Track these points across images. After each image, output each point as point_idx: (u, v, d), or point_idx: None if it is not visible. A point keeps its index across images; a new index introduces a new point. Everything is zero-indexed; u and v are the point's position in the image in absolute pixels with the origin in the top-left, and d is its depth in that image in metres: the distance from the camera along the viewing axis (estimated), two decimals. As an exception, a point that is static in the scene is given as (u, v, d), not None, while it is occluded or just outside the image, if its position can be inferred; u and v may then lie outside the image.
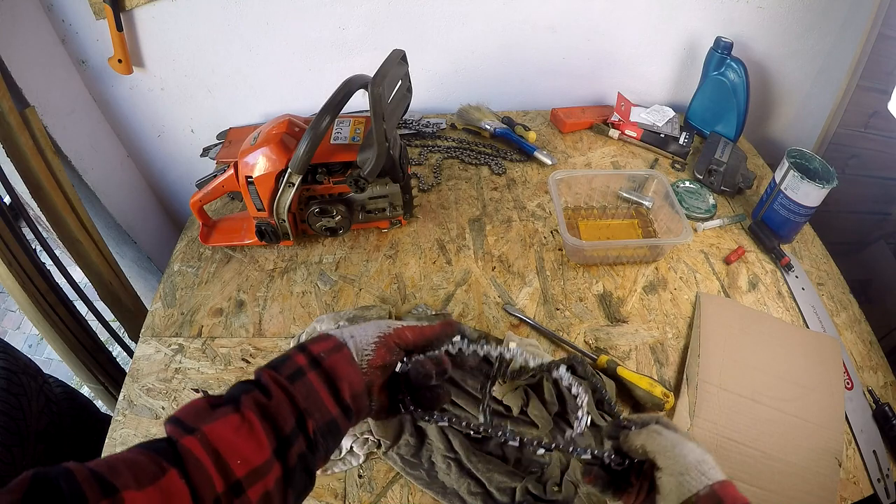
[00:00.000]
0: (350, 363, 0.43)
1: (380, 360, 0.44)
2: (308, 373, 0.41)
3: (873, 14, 0.97)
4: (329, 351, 0.43)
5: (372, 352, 0.44)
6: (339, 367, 0.42)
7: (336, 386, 0.42)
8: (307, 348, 0.43)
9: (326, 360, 0.42)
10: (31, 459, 0.75)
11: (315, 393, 0.41)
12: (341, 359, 0.43)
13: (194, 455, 0.35)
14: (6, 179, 0.94)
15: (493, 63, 1.18)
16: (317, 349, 0.43)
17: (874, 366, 0.80)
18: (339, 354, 0.43)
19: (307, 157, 0.78)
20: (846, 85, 1.04)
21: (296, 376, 0.41)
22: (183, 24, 1.05)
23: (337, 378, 0.42)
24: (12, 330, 2.03)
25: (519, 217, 1.00)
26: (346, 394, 0.42)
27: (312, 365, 0.42)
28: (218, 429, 0.37)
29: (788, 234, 0.94)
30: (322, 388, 0.41)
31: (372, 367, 0.44)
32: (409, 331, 0.46)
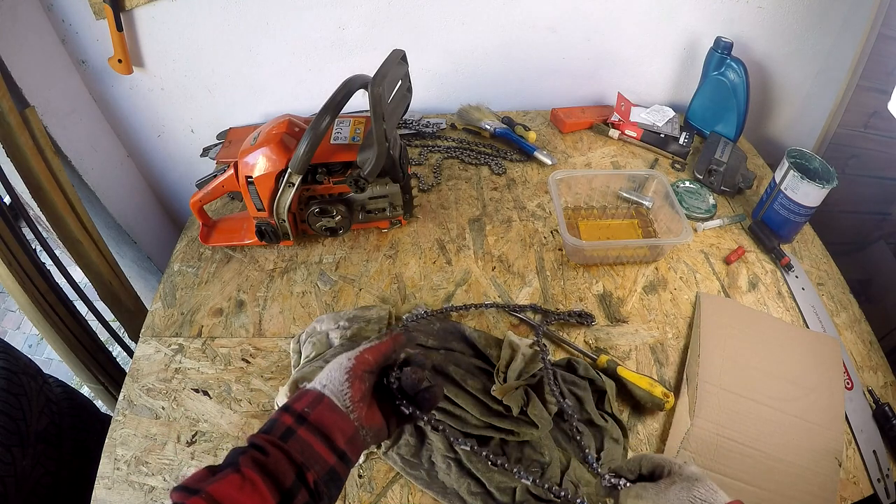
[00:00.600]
0: (334, 410, 0.45)
1: (358, 395, 0.46)
2: (298, 429, 0.43)
3: (873, 14, 0.97)
4: (311, 404, 0.44)
5: (348, 389, 0.46)
6: (325, 417, 0.44)
7: (328, 436, 0.43)
8: (290, 407, 0.44)
9: (312, 415, 0.44)
10: (31, 459, 0.75)
11: (309, 446, 0.42)
12: (325, 409, 0.44)
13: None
14: (6, 179, 0.94)
15: (493, 63, 1.18)
16: (299, 406, 0.44)
17: (874, 366, 0.80)
18: (322, 405, 0.44)
19: (307, 157, 0.78)
20: (846, 85, 1.04)
21: (287, 435, 0.42)
22: (183, 24, 1.05)
23: (327, 428, 0.43)
24: (12, 330, 2.03)
25: (519, 217, 1.00)
26: (340, 441, 0.44)
27: (300, 421, 0.43)
28: (222, 488, 0.38)
29: (788, 234, 0.94)
30: (315, 440, 0.43)
31: (355, 403, 0.45)
32: (368, 353, 0.48)
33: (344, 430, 0.44)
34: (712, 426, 0.69)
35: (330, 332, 0.77)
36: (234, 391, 0.75)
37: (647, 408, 0.72)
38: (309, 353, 0.74)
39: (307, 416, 0.44)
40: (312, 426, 0.43)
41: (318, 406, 0.44)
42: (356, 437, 0.45)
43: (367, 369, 0.48)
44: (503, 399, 0.68)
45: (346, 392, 0.45)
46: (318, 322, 0.79)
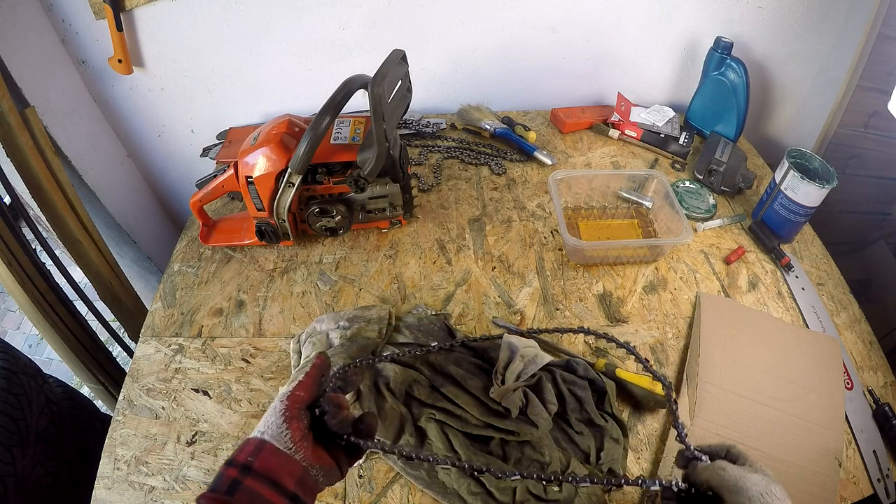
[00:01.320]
0: (277, 454, 0.44)
1: (298, 434, 0.46)
2: (244, 480, 0.42)
3: (873, 14, 0.97)
4: (254, 453, 0.44)
5: (286, 430, 0.45)
6: (270, 462, 0.44)
7: (276, 481, 0.43)
8: (234, 460, 0.44)
9: (256, 463, 0.43)
10: (31, 459, 0.75)
11: (258, 495, 0.42)
12: (268, 454, 0.44)
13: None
14: (6, 179, 0.94)
15: (493, 63, 1.18)
16: (242, 457, 0.44)
17: (874, 366, 0.80)
18: (265, 451, 0.44)
19: (307, 157, 0.78)
20: (846, 85, 1.04)
21: (233, 488, 0.42)
22: (183, 24, 1.05)
23: (273, 473, 0.43)
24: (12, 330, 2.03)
25: (519, 217, 1.00)
26: (289, 484, 0.43)
27: (244, 472, 0.43)
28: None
29: (788, 234, 0.94)
30: (263, 488, 0.42)
31: (297, 444, 0.45)
32: (298, 390, 0.48)
33: (292, 472, 0.44)
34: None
35: (330, 332, 0.77)
36: (234, 391, 0.75)
37: (647, 407, 0.72)
38: (309, 353, 0.74)
39: (251, 465, 0.43)
40: (258, 474, 0.43)
41: (260, 453, 0.44)
42: (306, 477, 0.45)
43: (301, 406, 0.47)
44: (501, 401, 0.68)
45: (286, 433, 0.45)
46: (318, 322, 0.79)
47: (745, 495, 0.43)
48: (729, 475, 0.44)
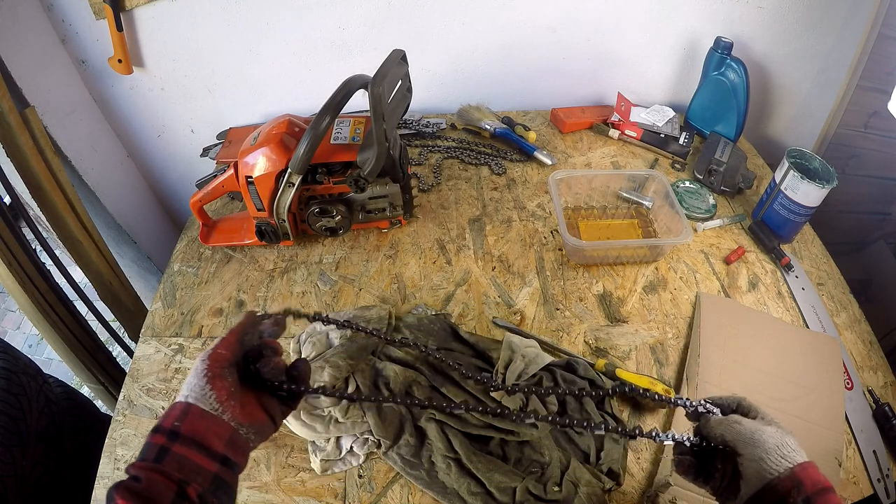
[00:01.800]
0: (203, 417, 0.43)
1: (224, 394, 0.45)
2: (172, 446, 0.42)
3: (873, 14, 0.97)
4: (180, 417, 0.43)
5: (210, 391, 0.44)
6: (197, 425, 0.43)
7: (204, 444, 0.42)
8: (160, 426, 0.43)
9: (182, 427, 0.43)
10: (31, 459, 0.75)
11: (186, 460, 0.41)
12: (194, 418, 0.43)
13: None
14: (6, 179, 0.94)
15: (493, 63, 1.18)
16: (168, 423, 0.43)
17: (874, 366, 0.80)
18: (190, 415, 0.43)
19: (307, 157, 0.78)
20: (846, 85, 1.04)
21: (161, 455, 0.41)
22: (183, 24, 1.05)
23: (201, 436, 0.42)
24: (12, 330, 2.03)
25: (519, 217, 1.00)
26: (218, 446, 0.43)
27: (172, 438, 0.42)
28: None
29: (788, 234, 0.94)
30: (191, 452, 0.42)
31: (223, 403, 0.44)
32: (220, 348, 0.47)
33: (220, 434, 0.43)
34: None
35: (330, 332, 0.77)
36: (234, 391, 0.75)
37: (647, 407, 0.72)
38: (309, 353, 0.74)
39: (178, 430, 0.42)
40: (186, 438, 0.42)
41: (186, 417, 0.43)
42: (236, 437, 0.44)
43: (224, 365, 0.46)
44: (502, 401, 0.68)
45: (210, 394, 0.44)
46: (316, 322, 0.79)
47: (761, 448, 0.42)
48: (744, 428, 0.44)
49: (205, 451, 0.42)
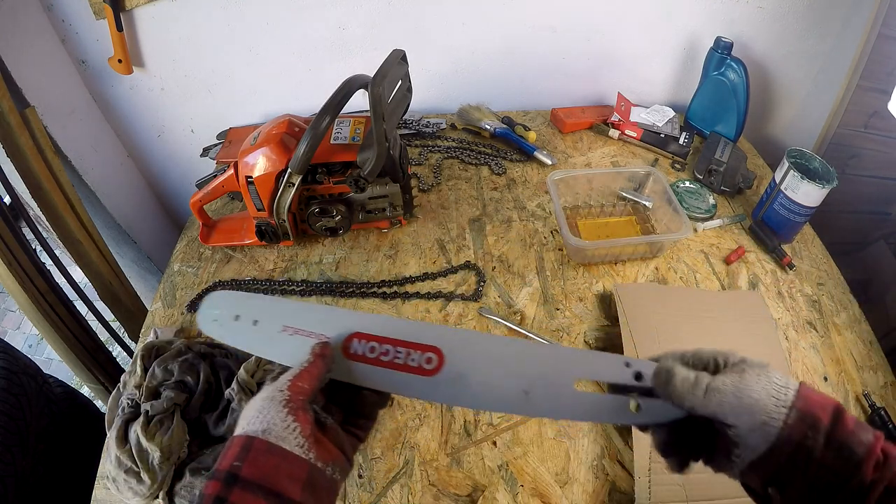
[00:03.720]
0: (272, 452, 0.34)
1: (308, 428, 0.37)
2: (230, 496, 0.33)
3: (873, 14, 0.97)
4: (240, 455, 0.34)
5: (294, 423, 0.36)
6: (263, 464, 0.34)
7: (274, 489, 0.33)
8: (217, 470, 0.34)
9: (244, 468, 0.33)
10: (31, 459, 0.75)
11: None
12: (258, 454, 0.34)
13: None
14: (6, 179, 0.94)
15: (493, 63, 1.18)
16: (225, 464, 0.34)
17: (874, 366, 0.80)
18: (254, 451, 0.34)
19: (307, 157, 0.78)
20: (846, 85, 1.04)
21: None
22: (183, 24, 1.05)
23: (269, 479, 0.34)
24: (12, 330, 2.03)
25: (519, 217, 1.00)
26: (294, 492, 0.34)
27: (229, 483, 0.33)
28: None
29: (788, 234, 0.94)
30: (256, 501, 0.33)
31: (307, 439, 0.36)
32: (301, 381, 0.39)
33: (294, 475, 0.34)
34: None
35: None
36: (234, 391, 0.75)
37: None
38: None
39: (239, 471, 0.33)
40: (248, 483, 0.33)
41: (249, 454, 0.34)
42: (318, 477, 0.35)
43: (307, 399, 0.38)
44: None
45: (294, 427, 0.36)
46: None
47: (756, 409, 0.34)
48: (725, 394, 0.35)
49: (276, 499, 0.33)
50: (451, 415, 0.72)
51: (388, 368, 0.42)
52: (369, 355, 0.42)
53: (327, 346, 0.42)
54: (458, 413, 0.72)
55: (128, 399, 0.68)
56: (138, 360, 0.70)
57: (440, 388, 0.41)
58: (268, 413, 0.36)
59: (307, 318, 0.44)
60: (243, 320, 0.45)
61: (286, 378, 0.39)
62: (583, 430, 0.70)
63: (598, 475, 0.66)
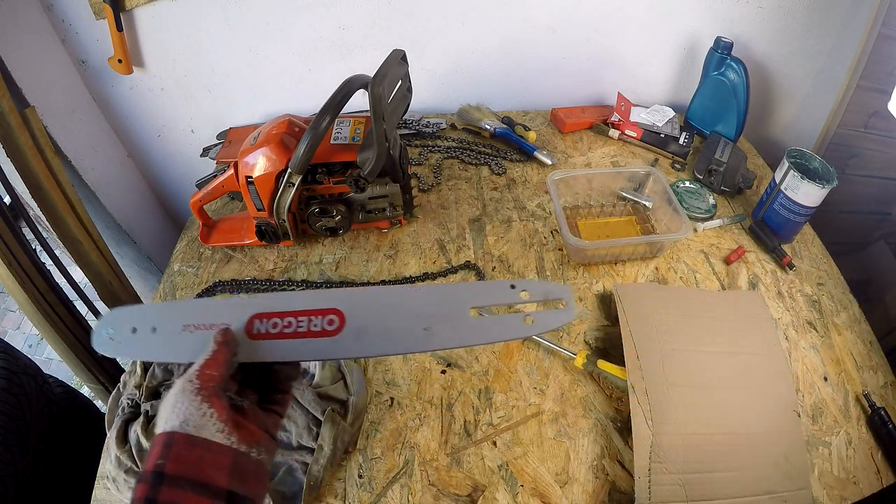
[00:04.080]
0: (193, 444, 0.34)
1: (224, 412, 0.36)
2: (158, 494, 0.32)
3: (873, 14, 0.97)
4: (163, 452, 0.34)
5: (209, 409, 0.36)
6: (185, 457, 0.34)
7: (201, 480, 0.33)
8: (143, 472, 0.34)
9: (168, 465, 0.33)
10: (31, 459, 0.75)
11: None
12: (181, 448, 0.34)
13: None
14: (6, 179, 0.94)
15: (493, 63, 1.18)
16: (150, 465, 0.34)
17: (874, 366, 0.80)
18: (175, 445, 0.34)
19: (307, 157, 0.78)
20: (846, 85, 1.04)
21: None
22: (183, 24, 1.05)
23: (194, 471, 0.33)
24: (12, 330, 2.03)
25: (519, 217, 1.00)
26: (221, 480, 0.34)
27: (156, 483, 0.33)
28: None
29: (788, 234, 0.94)
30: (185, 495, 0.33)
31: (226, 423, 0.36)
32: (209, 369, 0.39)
33: (219, 463, 0.34)
34: (673, 427, 0.67)
35: None
36: (234, 391, 0.75)
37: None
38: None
39: (163, 468, 0.33)
40: (174, 479, 0.33)
41: (173, 449, 0.34)
42: (243, 461, 0.35)
43: (217, 386, 0.38)
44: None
45: (211, 414, 0.36)
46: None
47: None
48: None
49: (205, 490, 0.33)
50: (451, 415, 0.72)
51: (293, 339, 0.42)
52: (272, 331, 0.43)
53: (228, 331, 0.42)
54: (458, 413, 0.72)
55: (128, 399, 0.68)
56: (138, 360, 0.70)
57: (344, 345, 0.42)
58: (182, 405, 0.36)
59: (206, 313, 0.44)
60: (141, 331, 0.44)
61: (193, 369, 0.39)
62: (583, 431, 0.70)
63: (598, 475, 0.66)
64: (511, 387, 0.75)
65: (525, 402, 0.73)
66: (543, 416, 0.72)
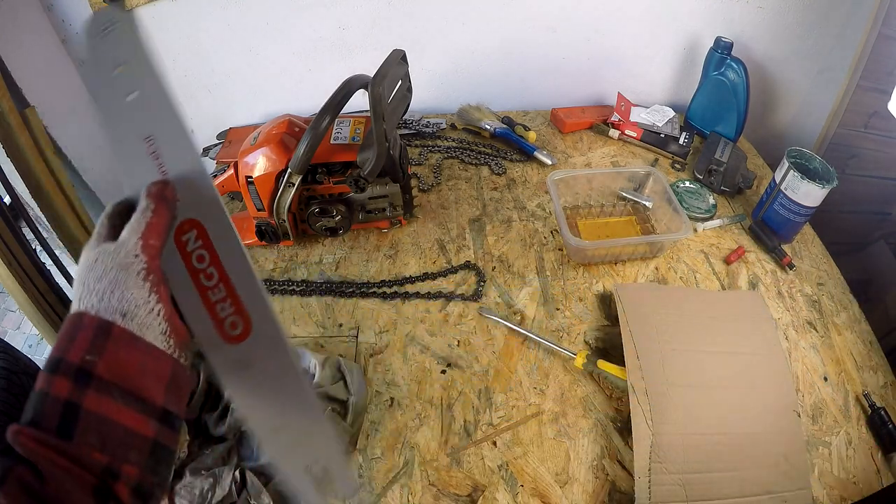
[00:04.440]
0: (133, 344, 0.28)
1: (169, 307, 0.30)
2: (83, 399, 0.26)
3: (873, 14, 0.97)
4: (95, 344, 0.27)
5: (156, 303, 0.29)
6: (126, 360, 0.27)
7: (136, 392, 0.27)
8: (63, 360, 0.27)
9: (100, 365, 0.27)
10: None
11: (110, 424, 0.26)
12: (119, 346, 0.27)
13: None
14: (6, 179, 0.94)
15: (493, 63, 1.18)
16: (75, 355, 0.27)
17: (874, 366, 0.80)
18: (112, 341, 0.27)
19: (307, 157, 0.78)
20: (846, 85, 1.04)
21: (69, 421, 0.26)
22: (183, 24, 1.05)
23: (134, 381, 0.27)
24: (12, 330, 2.03)
25: (519, 217, 1.00)
26: (157, 395, 0.28)
27: (81, 383, 0.26)
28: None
29: (788, 234, 0.94)
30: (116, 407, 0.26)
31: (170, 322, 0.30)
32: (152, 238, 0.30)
33: (160, 373, 0.28)
34: (673, 427, 0.67)
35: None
36: (234, 391, 0.75)
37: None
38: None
39: (92, 368, 0.26)
40: (105, 384, 0.26)
41: (106, 344, 0.27)
42: (179, 373, 0.29)
43: (159, 262, 0.30)
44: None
45: (158, 311, 0.29)
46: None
47: None
48: None
49: (139, 405, 0.27)
50: (451, 415, 0.72)
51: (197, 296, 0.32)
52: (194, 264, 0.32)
53: (169, 185, 0.33)
54: (457, 413, 0.72)
55: None
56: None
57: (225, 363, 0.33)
58: (125, 289, 0.28)
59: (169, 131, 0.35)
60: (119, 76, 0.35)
61: (134, 236, 0.30)
62: (583, 431, 0.70)
63: (598, 475, 0.66)
64: (511, 387, 0.75)
65: (525, 402, 0.73)
66: (543, 416, 0.72)
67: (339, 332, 0.81)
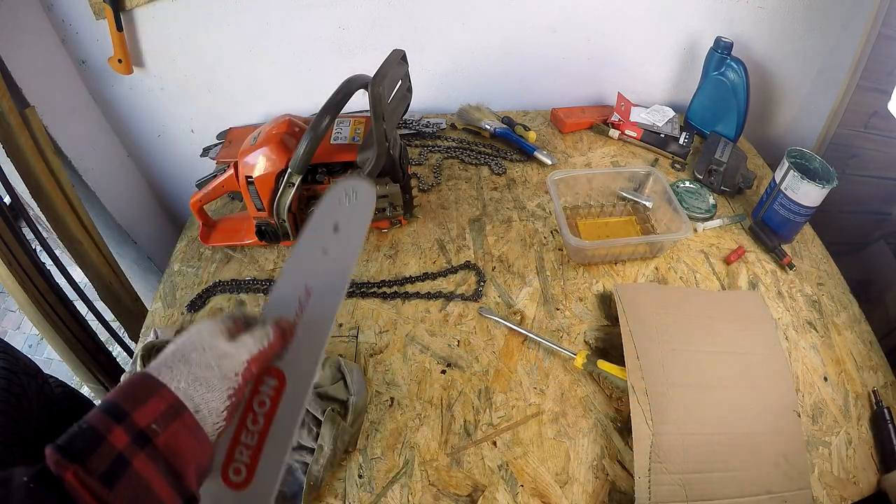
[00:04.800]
0: (194, 434, 0.31)
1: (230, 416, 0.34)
2: (134, 458, 0.28)
3: (873, 14, 0.97)
4: (164, 419, 0.30)
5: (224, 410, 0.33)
6: (182, 443, 0.30)
7: (177, 471, 0.30)
8: (128, 416, 0.29)
9: (161, 437, 0.29)
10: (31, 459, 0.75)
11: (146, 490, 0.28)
12: (182, 430, 0.30)
13: None
14: (6, 179, 0.94)
15: (493, 63, 1.18)
16: (144, 419, 0.29)
17: (874, 366, 0.80)
18: (179, 422, 0.30)
19: (307, 157, 0.78)
20: (846, 85, 1.04)
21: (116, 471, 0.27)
22: (183, 24, 1.05)
23: (180, 461, 0.30)
24: (12, 330, 2.03)
25: (519, 217, 1.00)
26: (191, 480, 0.30)
27: (138, 444, 0.29)
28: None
29: (788, 234, 0.94)
30: (157, 477, 0.29)
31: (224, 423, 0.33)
32: (255, 366, 0.35)
33: (200, 462, 0.31)
34: (673, 427, 0.67)
35: None
36: (234, 391, 0.75)
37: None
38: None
39: (154, 435, 0.29)
40: (157, 453, 0.29)
41: (173, 423, 0.30)
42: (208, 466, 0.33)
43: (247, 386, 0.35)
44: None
45: (224, 414, 0.33)
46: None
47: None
48: None
49: (176, 483, 0.30)
50: (451, 415, 0.72)
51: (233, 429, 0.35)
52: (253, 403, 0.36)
53: (292, 330, 0.38)
54: (457, 413, 0.72)
55: None
56: (138, 360, 0.70)
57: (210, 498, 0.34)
58: (211, 393, 0.32)
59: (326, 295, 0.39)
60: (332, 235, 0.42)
61: (245, 355, 0.35)
62: (583, 431, 0.70)
63: (598, 475, 0.66)
64: (511, 387, 0.75)
65: (525, 402, 0.73)
66: (543, 416, 0.72)
67: (339, 332, 0.81)
